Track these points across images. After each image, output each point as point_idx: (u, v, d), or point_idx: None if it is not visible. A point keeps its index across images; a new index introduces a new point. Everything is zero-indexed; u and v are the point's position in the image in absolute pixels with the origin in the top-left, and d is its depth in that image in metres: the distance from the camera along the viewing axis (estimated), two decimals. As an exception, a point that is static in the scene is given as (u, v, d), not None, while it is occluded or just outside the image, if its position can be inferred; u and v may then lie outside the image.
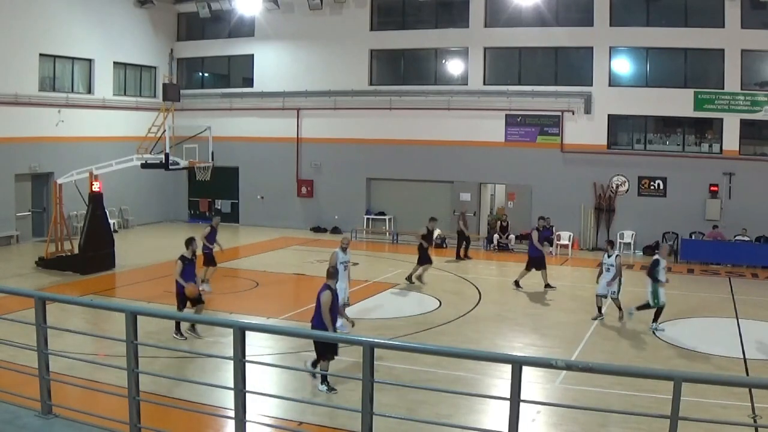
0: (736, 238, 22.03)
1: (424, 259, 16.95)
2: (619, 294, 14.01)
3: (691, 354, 11.95)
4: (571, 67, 23.82)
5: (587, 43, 23.47)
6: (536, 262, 16.72)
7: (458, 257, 21.24)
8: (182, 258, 12.02)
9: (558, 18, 23.46)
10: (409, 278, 17.02)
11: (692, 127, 23.39)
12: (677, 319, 14.22)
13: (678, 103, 22.91)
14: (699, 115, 23.04)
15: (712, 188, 22.89)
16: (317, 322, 9.25)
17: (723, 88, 22.89)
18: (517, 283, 17.02)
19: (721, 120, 23.03)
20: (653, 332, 13.27)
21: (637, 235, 23.17)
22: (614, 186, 23.48)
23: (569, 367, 4.76)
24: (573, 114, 23.61)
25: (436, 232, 20.87)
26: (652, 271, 13.38)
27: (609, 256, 13.99)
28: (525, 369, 4.43)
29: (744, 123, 22.93)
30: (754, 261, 21.47)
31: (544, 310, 14.98)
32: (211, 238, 15.94)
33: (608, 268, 13.92)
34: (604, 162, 23.49)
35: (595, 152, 23.50)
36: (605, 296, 14.03)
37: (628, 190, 23.49)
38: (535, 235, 16.62)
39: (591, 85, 23.52)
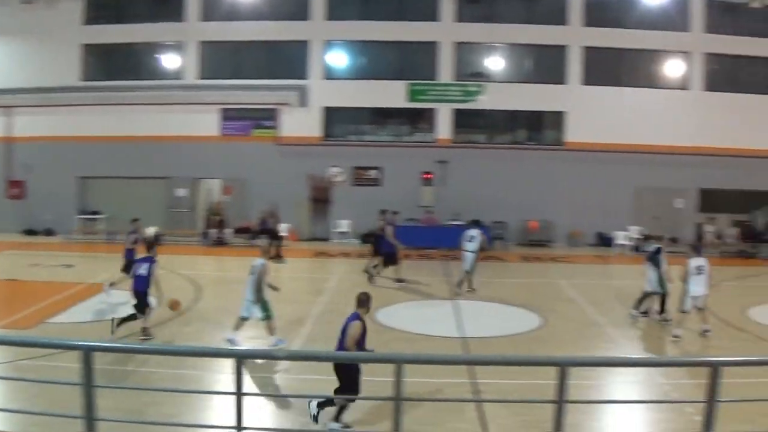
0: (450, 222, 26.07)
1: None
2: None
3: (411, 336, 14.12)
4: (287, 61, 28.31)
5: (303, 36, 28.14)
6: (391, 257, 18.97)
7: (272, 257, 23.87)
8: None
9: (274, 12, 28.02)
10: None
11: (407, 118, 28.02)
12: (396, 304, 17.01)
13: (393, 94, 27.64)
14: (413, 105, 27.69)
15: (426, 176, 27.19)
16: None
17: (437, 79, 27.65)
18: (371, 276, 19.10)
19: (435, 110, 27.68)
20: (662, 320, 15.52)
21: (353, 224, 26.94)
22: (330, 176, 27.46)
23: (290, 356, 6.14)
24: (289, 107, 27.77)
25: (151, 230, 23.80)
26: (653, 257, 15.76)
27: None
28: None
29: (457, 112, 27.70)
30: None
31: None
32: None
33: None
34: (320, 153, 27.64)
35: (311, 144, 27.63)
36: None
37: (343, 180, 27.47)
38: (389, 230, 19.03)
39: (307, 78, 27.92)
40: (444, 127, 27.85)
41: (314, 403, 9.28)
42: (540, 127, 28.74)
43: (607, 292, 19.96)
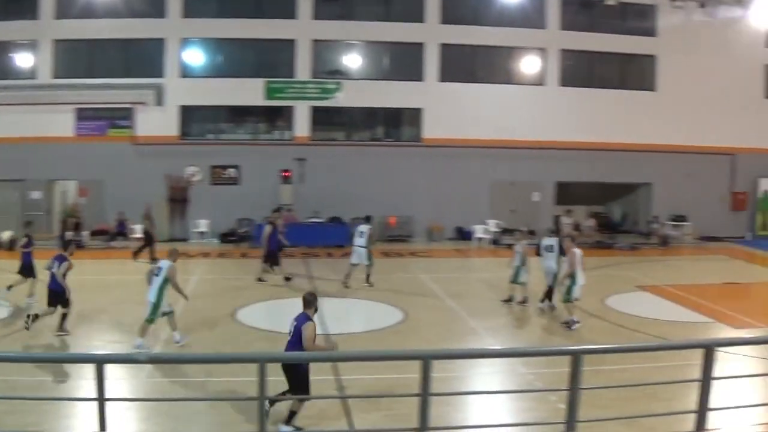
0: (310, 220, 27.02)
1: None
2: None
3: (272, 336, 14.57)
4: (143, 59, 28.93)
5: (159, 34, 28.76)
6: (273, 256, 19.95)
7: (143, 258, 23.98)
8: None
9: (130, 9, 28.54)
10: None
11: (264, 116, 28.89)
12: (257, 303, 17.84)
13: (250, 92, 28.50)
14: (271, 103, 28.59)
15: (284, 174, 28.11)
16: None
17: (294, 77, 28.53)
18: (287, 278, 20.21)
19: (293, 108, 28.58)
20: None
21: (212, 224, 27.69)
22: (188, 176, 28.14)
23: (152, 360, 6.20)
24: (145, 106, 28.33)
25: (6, 234, 24.07)
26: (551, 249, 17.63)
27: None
28: (109, 367, 5.26)
29: (315, 110, 28.68)
30: (328, 241, 26.91)
31: (124, 307, 16.56)
32: None
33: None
34: (177, 153, 28.33)
35: (168, 144, 28.28)
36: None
37: (201, 179, 28.19)
38: (268, 229, 20.00)
39: (163, 76, 28.51)
40: (302, 125, 28.81)
41: (281, 425, 9.70)
42: (398, 124, 29.95)
43: (468, 285, 21.35)
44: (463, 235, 29.17)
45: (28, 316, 14.14)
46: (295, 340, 9.56)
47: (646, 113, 30.19)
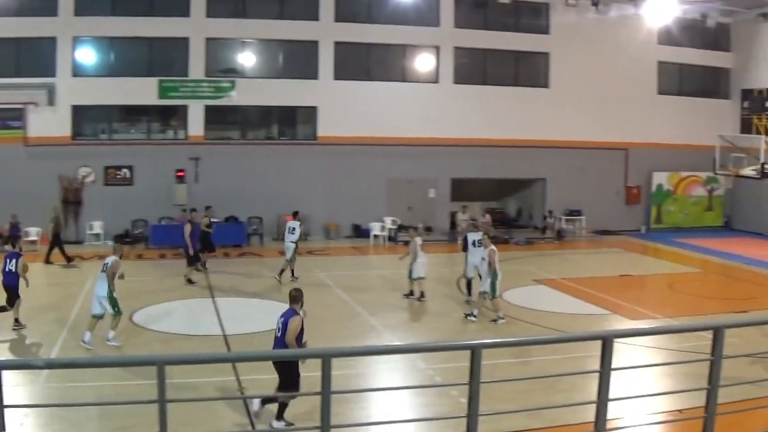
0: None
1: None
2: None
3: (169, 337, 15.31)
4: (34, 58, 29.58)
5: (51, 33, 29.42)
6: (196, 255, 21.23)
7: (49, 261, 24.82)
8: None
9: (20, 8, 29.11)
10: None
11: (158, 115, 29.88)
12: (155, 305, 18.43)
13: (143, 91, 29.38)
14: (164, 102, 29.57)
15: (179, 173, 29.12)
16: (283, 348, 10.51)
17: (188, 76, 29.47)
18: (190, 281, 21.26)
19: (187, 107, 29.55)
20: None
21: (106, 225, 28.54)
22: (81, 177, 28.92)
23: (49, 365, 6.36)
24: (37, 106, 28.99)
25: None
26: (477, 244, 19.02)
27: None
28: (5, 373, 5.26)
29: (209, 109, 29.71)
30: (224, 240, 27.72)
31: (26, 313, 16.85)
32: None
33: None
34: (69, 154, 29.13)
35: (60, 144, 28.99)
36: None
37: (95, 180, 29.00)
38: (188, 228, 21.29)
39: (55, 76, 29.19)
40: (196, 124, 29.86)
41: (256, 401, 10.78)
42: (293, 122, 31.26)
43: (366, 282, 22.61)
44: (360, 232, 30.50)
45: None
46: (283, 336, 10.42)
47: (540, 110, 31.97)
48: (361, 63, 31.24)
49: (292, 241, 21.41)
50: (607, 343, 6.76)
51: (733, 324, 9.83)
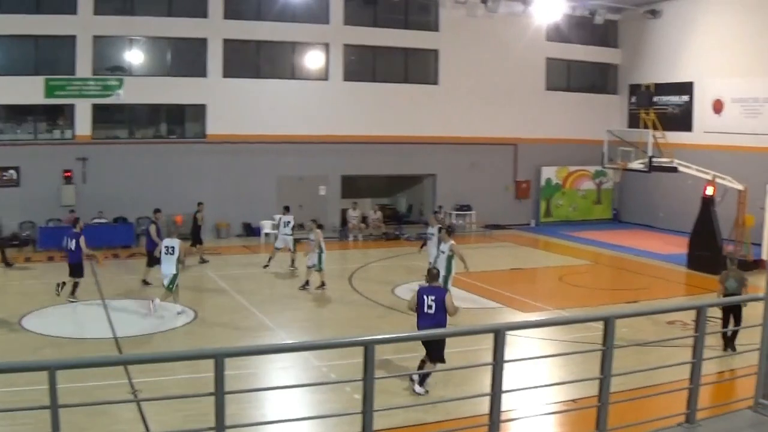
0: (94, 221, 31.65)
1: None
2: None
3: (60, 341, 16.30)
4: None
5: (-70, 30, 32.35)
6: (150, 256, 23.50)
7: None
8: None
9: None
10: None
11: (45, 114, 33.37)
12: (42, 308, 19.91)
13: (29, 90, 32.75)
14: (51, 101, 32.98)
15: (66, 174, 32.68)
16: (437, 323, 13.39)
17: (75, 74, 32.97)
18: (145, 282, 23.70)
19: (74, 106, 33.07)
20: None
21: (-9, 228, 31.89)
22: (-36, 178, 32.17)
23: None
24: None
25: None
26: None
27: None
28: None
29: (96, 108, 33.34)
30: (114, 242, 31.54)
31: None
32: None
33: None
34: (-48, 155, 32.22)
35: (-58, 145, 32.14)
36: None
37: (-24, 182, 32.30)
38: (153, 229, 23.97)
39: (-63, 74, 32.30)
40: (84, 124, 33.46)
41: (417, 386, 13.47)
42: (182, 121, 35.26)
43: (258, 281, 24.71)
44: (251, 231, 34.64)
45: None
46: (440, 311, 13.46)
47: (429, 106, 36.86)
48: (250, 60, 35.39)
49: (287, 234, 26.35)
50: (499, 335, 7.54)
51: (623, 314, 11.08)
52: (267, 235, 33.99)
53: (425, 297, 13.71)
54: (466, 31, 37.56)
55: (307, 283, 23.39)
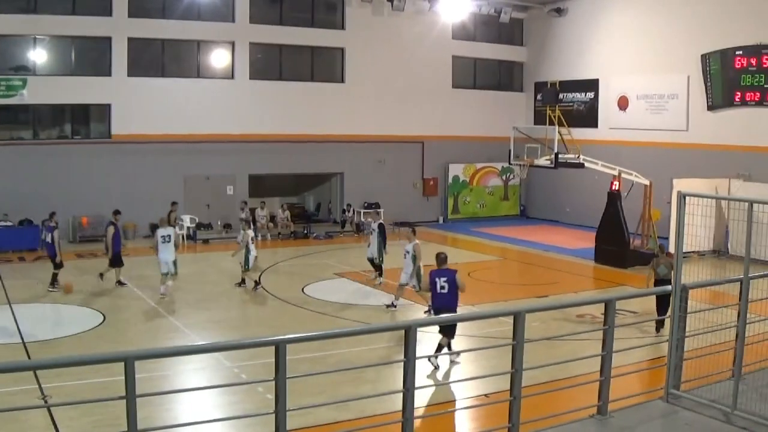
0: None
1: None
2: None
3: None
4: None
5: None
6: (118, 257, 25.51)
7: None
8: None
9: None
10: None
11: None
12: None
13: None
14: (-52, 102, 35.26)
15: (-36, 176, 34.98)
16: (452, 303, 16.35)
17: (-22, 73, 35.42)
18: (120, 282, 25.51)
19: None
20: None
21: None
22: None
23: None
24: None
25: None
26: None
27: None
28: None
29: (0, 108, 35.66)
30: (19, 245, 33.87)
31: None
32: None
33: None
34: None
35: None
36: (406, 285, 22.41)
37: None
38: (111, 230, 25.40)
39: None
40: (-15, 124, 35.84)
41: (433, 358, 15.34)
42: (86, 121, 37.97)
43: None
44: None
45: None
46: (453, 289, 16.37)
47: (336, 105, 40.57)
48: (155, 59, 38.34)
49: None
50: (410, 332, 8.03)
51: (532, 309, 11.56)
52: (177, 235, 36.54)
53: (437, 279, 16.60)
54: (372, 29, 41.35)
55: (242, 281, 25.40)
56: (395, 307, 22.48)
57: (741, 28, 34.07)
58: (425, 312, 21.07)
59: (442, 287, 16.43)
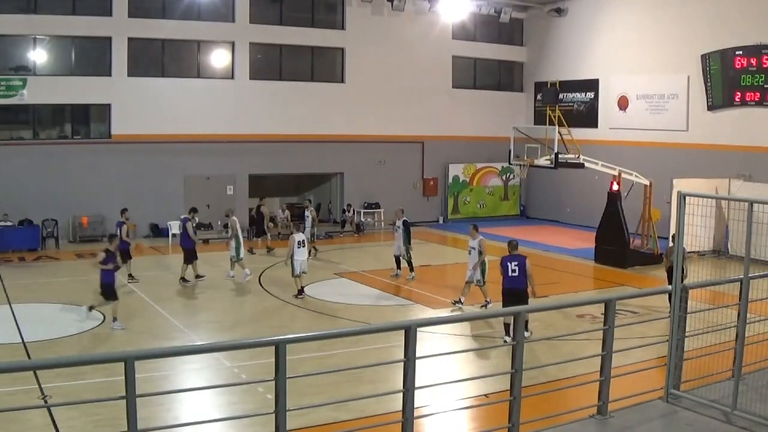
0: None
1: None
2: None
3: None
4: None
5: None
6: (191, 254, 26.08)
7: None
8: None
9: None
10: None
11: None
12: None
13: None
14: (-48, 102, 35.30)
15: (-31, 177, 35.02)
16: (521, 284, 18.07)
17: (-14, 73, 35.50)
18: (184, 279, 25.97)
19: (-24, 105, 35.58)
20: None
21: None
22: None
23: None
24: None
25: None
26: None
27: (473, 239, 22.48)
28: None
29: (0, 108, 35.70)
30: (20, 245, 33.92)
31: None
32: None
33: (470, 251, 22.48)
34: None
35: None
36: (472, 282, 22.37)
37: None
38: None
39: None
40: (-14, 123, 35.87)
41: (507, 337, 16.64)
42: (87, 121, 38.01)
43: (168, 283, 26.17)
44: (159, 231, 37.60)
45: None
46: (522, 272, 18.08)
47: (336, 105, 40.61)
48: (155, 59, 38.37)
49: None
50: (409, 332, 8.03)
51: (532, 309, 12.37)
52: (174, 235, 36.09)
53: (509, 264, 18.31)
54: (372, 29, 41.40)
55: (301, 290, 24.76)
56: (462, 303, 22.54)
57: (741, 28, 34.11)
58: (481, 306, 22.08)
59: (513, 270, 18.13)
